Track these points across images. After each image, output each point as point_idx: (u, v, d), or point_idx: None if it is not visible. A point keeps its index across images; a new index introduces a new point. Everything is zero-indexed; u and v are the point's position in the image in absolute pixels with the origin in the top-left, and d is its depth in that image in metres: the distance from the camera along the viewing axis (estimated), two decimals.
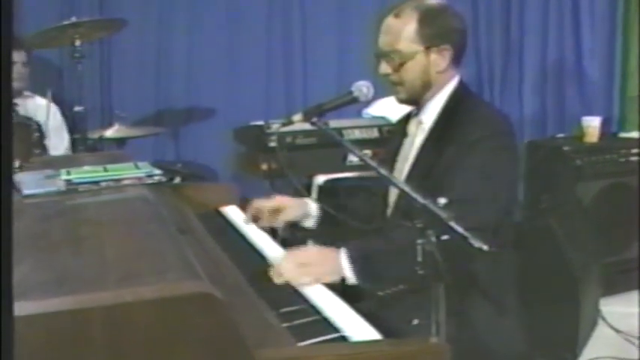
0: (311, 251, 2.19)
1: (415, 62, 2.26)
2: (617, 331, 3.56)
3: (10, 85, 0.92)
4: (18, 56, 4.00)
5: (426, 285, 1.49)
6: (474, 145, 2.15)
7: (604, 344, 3.43)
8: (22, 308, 1.27)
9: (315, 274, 1.99)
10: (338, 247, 2.10)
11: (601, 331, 3.55)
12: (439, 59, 2.27)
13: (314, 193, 3.66)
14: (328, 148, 3.65)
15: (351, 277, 2.05)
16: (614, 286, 3.97)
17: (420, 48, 2.25)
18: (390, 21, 2.29)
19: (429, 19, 2.25)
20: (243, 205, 2.76)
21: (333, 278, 2.03)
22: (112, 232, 1.89)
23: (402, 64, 2.26)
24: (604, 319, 3.63)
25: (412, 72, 2.27)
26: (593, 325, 3.59)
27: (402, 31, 2.25)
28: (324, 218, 2.48)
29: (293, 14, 4.96)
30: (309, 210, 2.49)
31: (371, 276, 2.08)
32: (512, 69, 5.06)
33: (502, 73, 5.08)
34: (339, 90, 4.43)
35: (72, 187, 2.25)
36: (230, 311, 1.39)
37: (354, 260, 2.06)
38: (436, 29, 2.25)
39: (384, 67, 2.30)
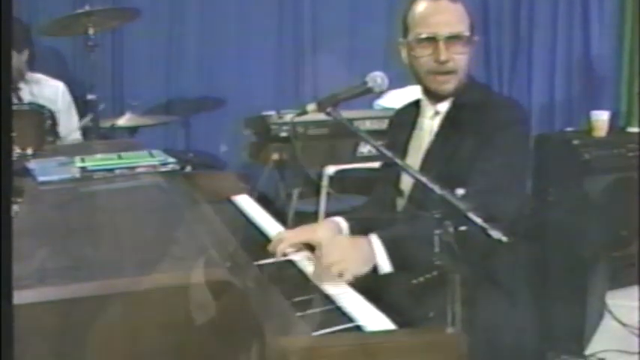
0: (342, 243, 2.05)
1: (472, 48, 2.22)
2: (624, 324, 3.57)
3: (10, 81, 0.93)
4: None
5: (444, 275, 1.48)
6: (496, 133, 2.10)
7: (610, 337, 3.44)
8: (40, 294, 1.29)
9: (352, 268, 1.89)
10: None
11: (607, 324, 3.57)
12: (472, 48, 2.24)
13: (324, 183, 3.66)
14: (339, 138, 3.66)
15: (383, 264, 1.94)
16: (621, 279, 3.98)
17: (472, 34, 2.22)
18: (447, 4, 2.20)
19: (466, 8, 2.23)
20: (254, 195, 2.77)
21: (366, 268, 1.93)
22: (128, 219, 1.90)
23: (467, 49, 2.20)
24: (610, 312, 3.64)
25: (469, 58, 2.21)
26: (599, 317, 3.61)
27: (463, 16, 2.20)
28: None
29: (304, 3, 4.94)
30: (341, 231, 2.29)
31: (405, 260, 1.94)
32: (521, 63, 5.05)
33: (511, 67, 5.07)
34: (349, 80, 4.45)
35: (87, 175, 2.26)
36: (248, 299, 1.39)
37: (387, 244, 1.95)
38: (473, 18, 2.24)
39: (447, 53, 2.16)
